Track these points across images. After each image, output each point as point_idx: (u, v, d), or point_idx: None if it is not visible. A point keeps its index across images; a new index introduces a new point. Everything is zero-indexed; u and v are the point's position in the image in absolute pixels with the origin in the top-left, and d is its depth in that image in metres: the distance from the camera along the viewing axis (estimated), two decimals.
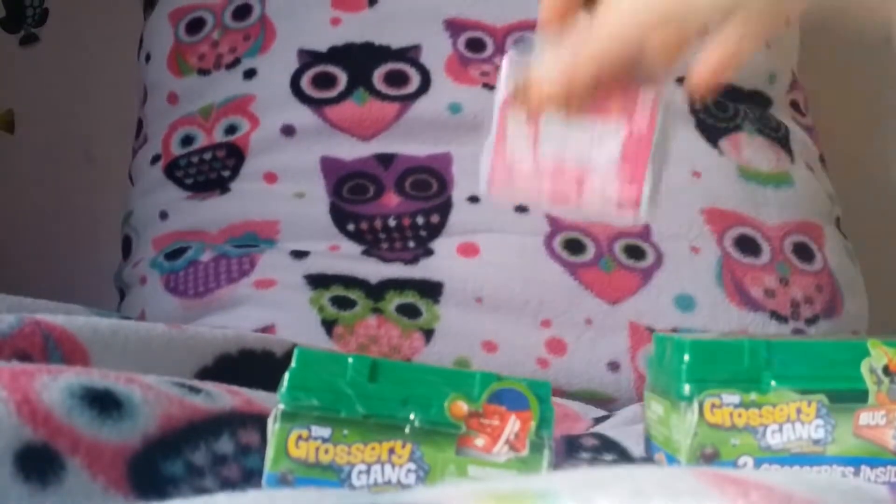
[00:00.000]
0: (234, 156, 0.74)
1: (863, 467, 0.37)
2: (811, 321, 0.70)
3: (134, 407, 0.36)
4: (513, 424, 0.36)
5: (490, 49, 0.75)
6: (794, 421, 0.37)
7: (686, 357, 0.37)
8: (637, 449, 0.50)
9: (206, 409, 0.38)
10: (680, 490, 0.24)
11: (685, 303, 0.68)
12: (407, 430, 0.36)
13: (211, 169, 0.75)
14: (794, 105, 0.84)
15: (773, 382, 0.37)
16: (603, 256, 0.69)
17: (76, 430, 0.34)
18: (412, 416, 0.36)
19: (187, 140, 0.77)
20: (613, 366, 0.67)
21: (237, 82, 0.76)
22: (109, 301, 0.81)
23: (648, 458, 0.42)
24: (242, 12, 0.79)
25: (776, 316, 0.69)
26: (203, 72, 0.78)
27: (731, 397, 0.37)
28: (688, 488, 0.24)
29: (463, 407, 0.36)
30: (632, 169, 0.40)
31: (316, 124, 0.73)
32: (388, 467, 0.35)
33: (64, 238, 1.00)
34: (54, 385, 0.35)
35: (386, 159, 0.72)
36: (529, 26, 0.75)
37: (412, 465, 0.35)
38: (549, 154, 0.41)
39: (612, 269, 0.68)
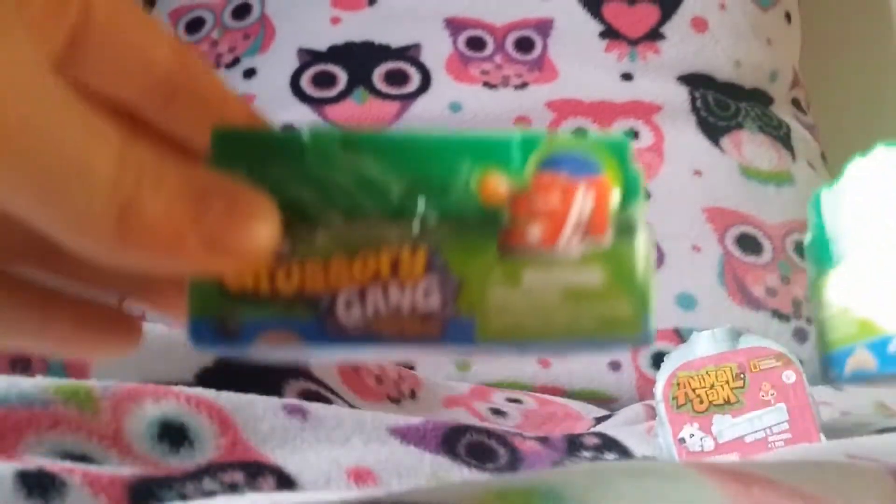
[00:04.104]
0: None
1: None
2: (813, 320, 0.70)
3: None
4: (583, 199, 0.23)
5: (490, 47, 0.74)
6: None
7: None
8: (638, 448, 0.50)
9: (182, 469, 0.38)
10: (682, 486, 0.24)
11: (686, 301, 0.68)
12: (416, 227, 0.23)
13: None
14: (796, 103, 0.84)
15: None
16: None
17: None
18: (421, 206, 0.23)
19: None
20: (615, 365, 0.66)
21: (237, 81, 0.76)
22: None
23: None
24: (242, 12, 0.79)
25: (777, 314, 0.69)
26: None
27: None
28: (690, 483, 0.24)
29: (501, 184, 0.23)
30: (803, 426, 0.48)
31: (316, 123, 0.73)
32: (393, 289, 0.23)
33: None
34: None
35: None
36: (530, 25, 0.75)
37: (433, 281, 0.23)
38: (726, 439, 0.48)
39: None
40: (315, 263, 0.23)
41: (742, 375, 0.49)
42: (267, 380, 0.45)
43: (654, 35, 0.76)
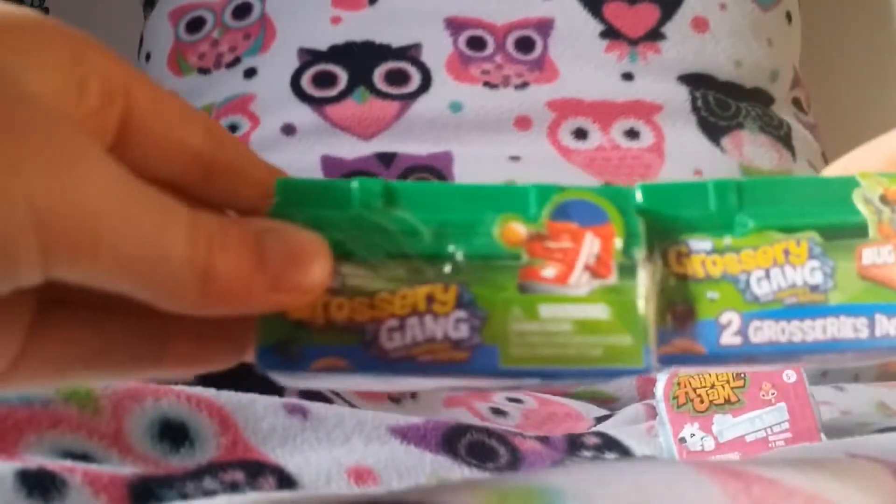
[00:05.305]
0: None
1: (877, 316, 0.29)
2: None
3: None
4: (590, 244, 0.27)
5: (491, 47, 0.74)
6: (783, 265, 0.29)
7: (639, 202, 0.30)
8: (639, 448, 0.50)
9: (183, 468, 0.38)
10: (682, 485, 0.24)
11: None
12: (447, 268, 0.27)
13: None
14: (797, 103, 0.83)
15: (749, 222, 0.29)
16: None
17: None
18: (452, 249, 0.27)
19: None
20: None
21: (237, 81, 0.76)
22: None
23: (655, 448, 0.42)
24: (242, 11, 0.79)
25: None
26: (203, 71, 0.78)
27: (701, 243, 0.29)
28: (689, 483, 0.24)
29: (519, 229, 0.28)
30: (804, 426, 0.49)
31: (316, 123, 0.73)
32: (428, 319, 0.27)
33: None
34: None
35: (387, 158, 0.72)
36: (530, 24, 0.75)
37: (462, 313, 0.27)
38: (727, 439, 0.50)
39: None
40: (362, 297, 0.27)
41: (742, 375, 0.50)
42: (267, 379, 0.45)
43: (655, 35, 0.76)
